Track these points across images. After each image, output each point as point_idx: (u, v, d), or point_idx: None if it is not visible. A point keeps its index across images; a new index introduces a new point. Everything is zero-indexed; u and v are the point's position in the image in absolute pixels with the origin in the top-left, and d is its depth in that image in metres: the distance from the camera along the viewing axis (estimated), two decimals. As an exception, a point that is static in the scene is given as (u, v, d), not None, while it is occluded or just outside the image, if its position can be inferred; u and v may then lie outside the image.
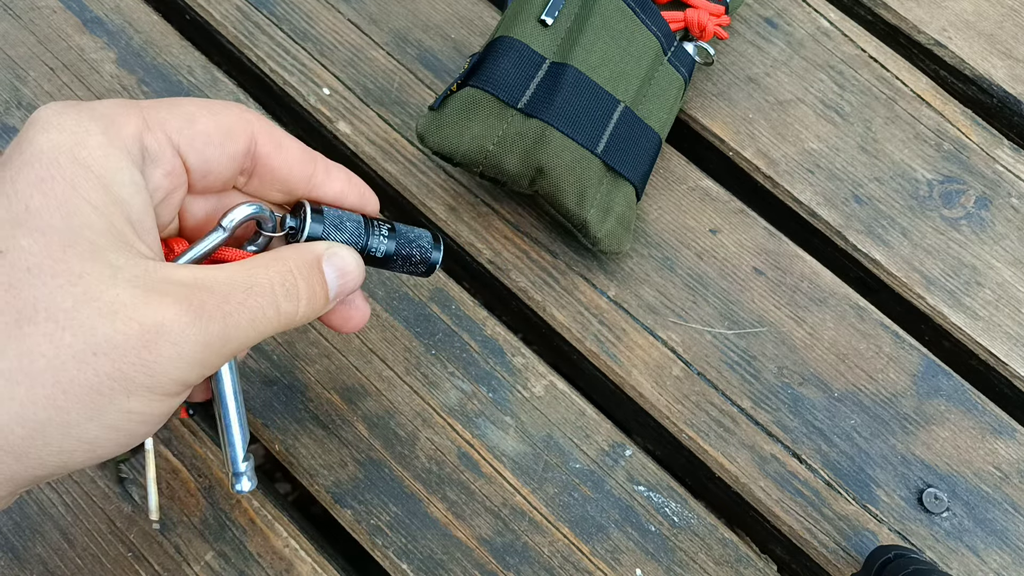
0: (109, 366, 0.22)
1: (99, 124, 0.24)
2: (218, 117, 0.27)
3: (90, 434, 0.23)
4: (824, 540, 0.41)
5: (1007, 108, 0.51)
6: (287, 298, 0.27)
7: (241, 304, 0.25)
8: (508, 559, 0.40)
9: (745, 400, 0.43)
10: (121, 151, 0.24)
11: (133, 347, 0.23)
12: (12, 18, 0.50)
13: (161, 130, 0.26)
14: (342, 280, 0.29)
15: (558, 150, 0.41)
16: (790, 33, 0.51)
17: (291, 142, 0.29)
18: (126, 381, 0.23)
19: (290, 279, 0.27)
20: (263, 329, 0.26)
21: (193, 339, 0.24)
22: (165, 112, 0.26)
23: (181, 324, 0.23)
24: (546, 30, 0.43)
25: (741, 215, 0.47)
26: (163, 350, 0.23)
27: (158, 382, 0.23)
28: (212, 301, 0.24)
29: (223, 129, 0.27)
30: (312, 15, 0.51)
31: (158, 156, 0.26)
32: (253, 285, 0.26)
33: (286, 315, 0.27)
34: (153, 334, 0.23)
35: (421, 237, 0.32)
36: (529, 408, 0.43)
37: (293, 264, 0.27)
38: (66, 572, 0.39)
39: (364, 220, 0.31)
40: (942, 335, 0.46)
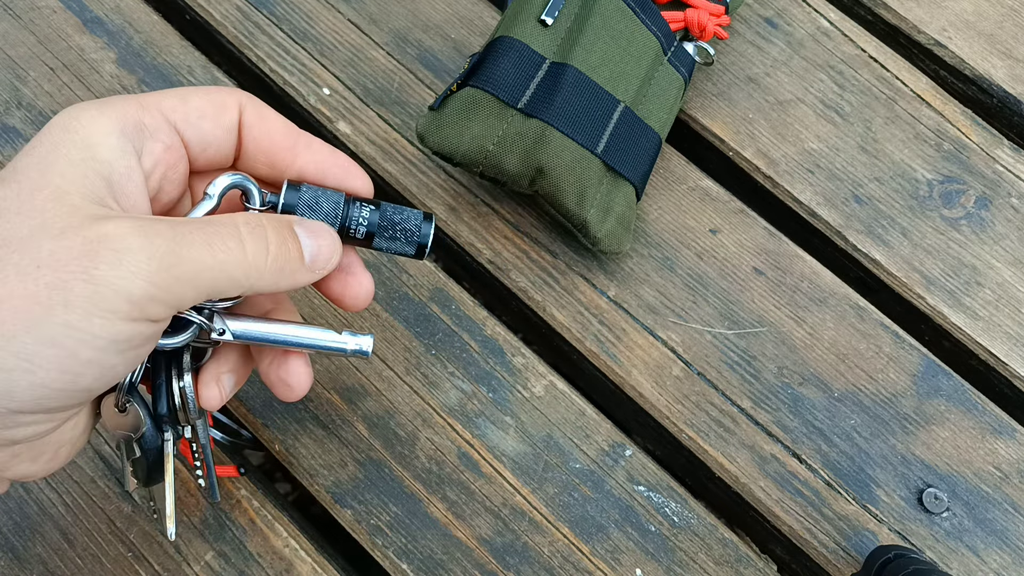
0: (50, 276, 0.23)
1: (95, 105, 0.27)
2: (209, 94, 0.29)
3: (27, 349, 0.23)
4: (824, 540, 0.41)
5: (1007, 108, 0.51)
6: (252, 236, 0.27)
7: (198, 229, 0.25)
8: (508, 559, 0.40)
9: (745, 400, 0.43)
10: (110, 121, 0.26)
11: (75, 256, 0.23)
12: (12, 18, 0.50)
13: (156, 108, 0.28)
14: (315, 242, 0.29)
15: (558, 150, 0.41)
16: (790, 33, 0.51)
17: (273, 115, 0.31)
18: (65, 290, 0.23)
19: (255, 221, 0.27)
20: (225, 260, 0.25)
21: (137, 247, 0.24)
22: (159, 95, 0.28)
23: (124, 232, 0.24)
24: (546, 30, 0.43)
25: (741, 215, 0.47)
26: (102, 256, 0.23)
27: (100, 293, 0.23)
28: (164, 223, 0.25)
29: (215, 103, 0.29)
30: (312, 15, 0.51)
31: (155, 130, 0.28)
32: (215, 221, 0.26)
33: (253, 255, 0.26)
34: (97, 243, 0.23)
35: (409, 216, 0.32)
36: (529, 408, 0.43)
37: (263, 217, 0.28)
38: (66, 572, 0.39)
39: (345, 197, 0.31)
40: (942, 335, 0.46)
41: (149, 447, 0.31)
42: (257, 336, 0.31)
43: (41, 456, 0.27)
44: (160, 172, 0.28)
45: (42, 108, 0.48)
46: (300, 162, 0.31)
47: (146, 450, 0.31)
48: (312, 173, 0.31)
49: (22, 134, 0.48)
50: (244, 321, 0.31)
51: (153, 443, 0.31)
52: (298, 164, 0.31)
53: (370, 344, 0.32)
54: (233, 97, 0.30)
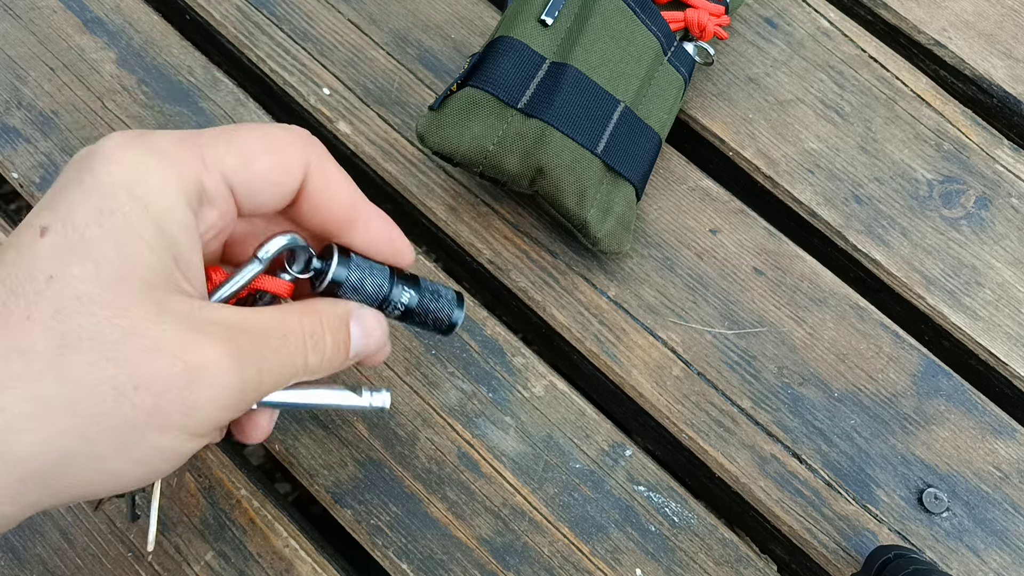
0: (149, 401, 0.22)
1: (158, 161, 0.24)
2: (277, 155, 0.27)
3: (116, 467, 0.23)
4: (824, 540, 0.41)
5: (1007, 108, 0.51)
6: (314, 350, 0.27)
7: (276, 351, 0.25)
8: (508, 559, 0.40)
9: (745, 400, 0.43)
10: (177, 191, 0.24)
11: (175, 385, 0.23)
12: (12, 18, 0.50)
13: (218, 170, 0.26)
14: (364, 341, 0.29)
15: (558, 150, 0.41)
16: (790, 33, 0.51)
17: (339, 179, 0.29)
18: (163, 418, 0.23)
19: (319, 332, 0.27)
20: (288, 377, 0.26)
21: (232, 382, 0.24)
22: (223, 149, 0.26)
23: (222, 366, 0.23)
24: (546, 30, 0.43)
25: (741, 215, 0.47)
26: (204, 391, 0.23)
27: (193, 421, 0.23)
28: (251, 346, 0.25)
29: (281, 167, 0.27)
30: (312, 15, 0.51)
31: (214, 197, 0.26)
32: (287, 334, 0.26)
33: (311, 367, 0.27)
34: (195, 374, 0.23)
35: (444, 297, 0.32)
36: (529, 408, 0.43)
37: (324, 317, 0.27)
38: (66, 572, 0.39)
39: (390, 276, 0.30)
40: (942, 335, 0.46)
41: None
42: (282, 402, 0.31)
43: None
44: (210, 236, 0.27)
45: (42, 108, 0.48)
46: (356, 238, 0.30)
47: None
48: (361, 245, 0.30)
49: (22, 134, 0.48)
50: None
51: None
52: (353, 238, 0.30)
53: (388, 401, 0.33)
54: (300, 157, 0.27)
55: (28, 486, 0.22)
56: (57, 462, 0.22)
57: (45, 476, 0.22)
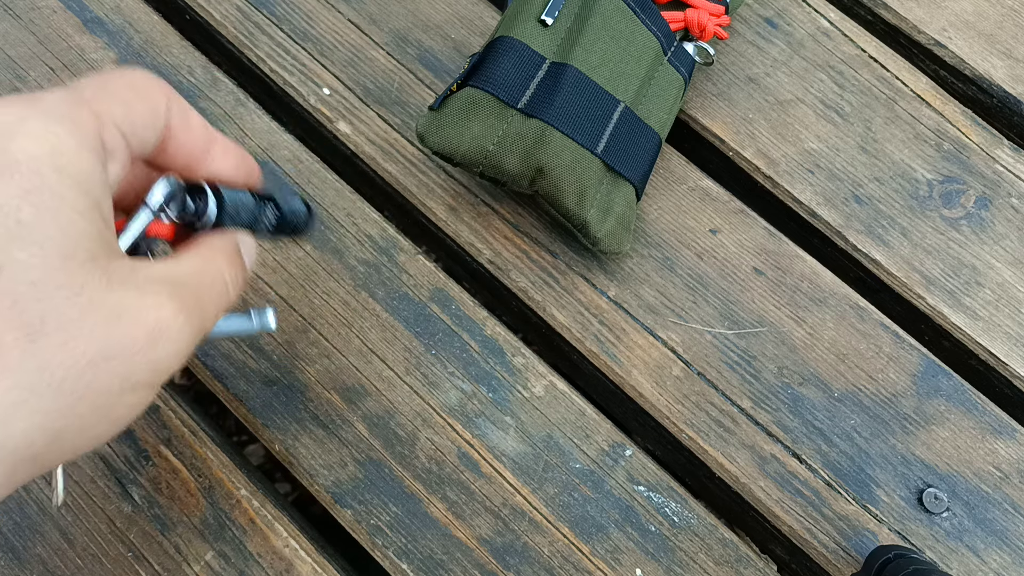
0: (121, 368, 0.24)
1: (66, 128, 0.24)
2: (148, 98, 0.28)
3: (99, 431, 0.24)
4: (824, 540, 0.41)
5: (1007, 108, 0.51)
6: (232, 284, 0.29)
7: (208, 295, 0.28)
8: (508, 559, 0.40)
9: (745, 400, 0.43)
10: (91, 153, 0.25)
11: (141, 348, 0.24)
12: (12, 18, 0.50)
13: (111, 123, 0.26)
14: (249, 261, 0.32)
15: (558, 150, 0.41)
16: (790, 33, 0.51)
17: (195, 117, 0.30)
18: (134, 379, 0.24)
19: (229, 268, 0.29)
20: (221, 310, 0.28)
21: (187, 334, 0.26)
22: (107, 101, 0.26)
23: (179, 323, 0.25)
24: (546, 30, 0.43)
25: (741, 215, 0.47)
26: (166, 348, 0.25)
27: (158, 377, 0.25)
28: (193, 297, 0.26)
29: (152, 108, 0.28)
30: (312, 15, 0.51)
31: (114, 150, 0.26)
32: (213, 278, 0.28)
33: (232, 297, 0.29)
34: (157, 334, 0.25)
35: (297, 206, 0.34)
36: (529, 408, 0.43)
37: (228, 253, 0.30)
38: (66, 572, 0.39)
39: (254, 198, 0.33)
40: (942, 335, 0.46)
41: None
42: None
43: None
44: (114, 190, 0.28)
45: (42, 108, 0.48)
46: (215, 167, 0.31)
47: None
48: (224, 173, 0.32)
49: (22, 134, 0.48)
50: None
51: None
52: (212, 168, 0.31)
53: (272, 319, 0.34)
54: (163, 97, 0.29)
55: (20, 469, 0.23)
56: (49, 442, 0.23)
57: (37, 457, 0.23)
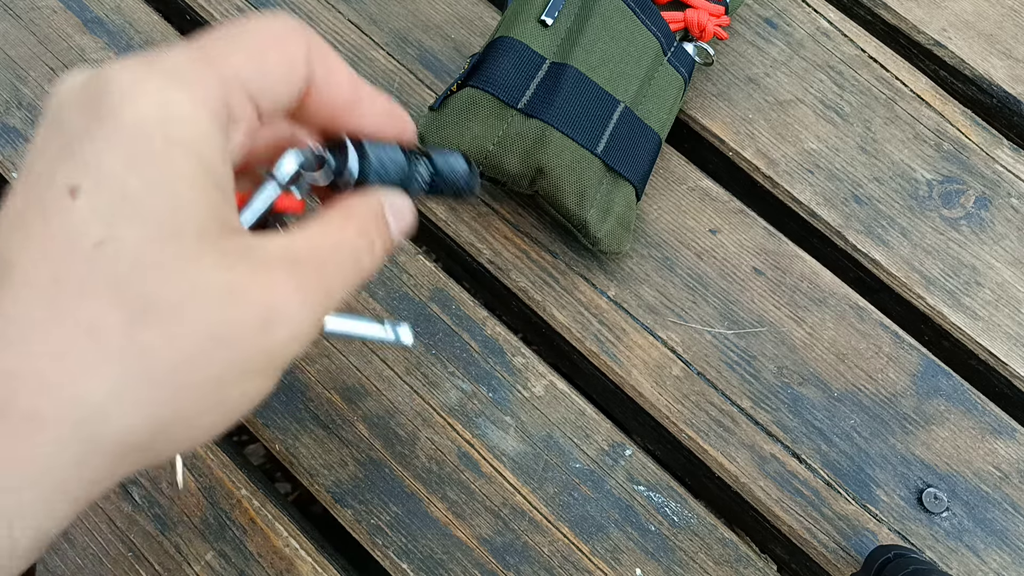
0: (230, 354, 0.22)
1: (184, 90, 0.22)
2: (285, 51, 0.25)
3: (209, 421, 0.23)
4: (824, 540, 0.41)
5: (1007, 108, 0.51)
6: (368, 253, 0.27)
7: (334, 270, 0.25)
8: (508, 559, 0.40)
9: (745, 400, 0.43)
10: (210, 118, 0.22)
11: (252, 332, 0.22)
12: (12, 18, 0.50)
13: (238, 84, 0.24)
14: (399, 224, 0.29)
15: (558, 150, 0.41)
16: (790, 33, 0.51)
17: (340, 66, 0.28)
18: (245, 366, 0.22)
19: (366, 234, 0.27)
20: (350, 287, 0.26)
21: (305, 317, 0.23)
22: (236, 58, 0.24)
23: (295, 304, 0.23)
24: (546, 30, 0.43)
25: (741, 215, 0.47)
26: (280, 332, 0.23)
27: (274, 364, 0.23)
28: (315, 274, 0.24)
29: (289, 62, 0.25)
30: (312, 15, 0.51)
31: (239, 116, 0.24)
32: (340, 249, 0.26)
33: (367, 270, 0.27)
34: (270, 317, 0.22)
35: (456, 166, 0.32)
36: (529, 408, 0.43)
37: (364, 219, 0.27)
38: (66, 572, 0.40)
39: (404, 154, 0.30)
40: (942, 335, 0.46)
41: None
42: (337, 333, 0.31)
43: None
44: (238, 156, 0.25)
45: (42, 108, 0.48)
46: (363, 121, 0.29)
47: None
48: (370, 128, 0.29)
49: (22, 134, 0.48)
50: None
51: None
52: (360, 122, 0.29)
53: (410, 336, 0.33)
54: (303, 48, 0.26)
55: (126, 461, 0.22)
56: (153, 434, 0.21)
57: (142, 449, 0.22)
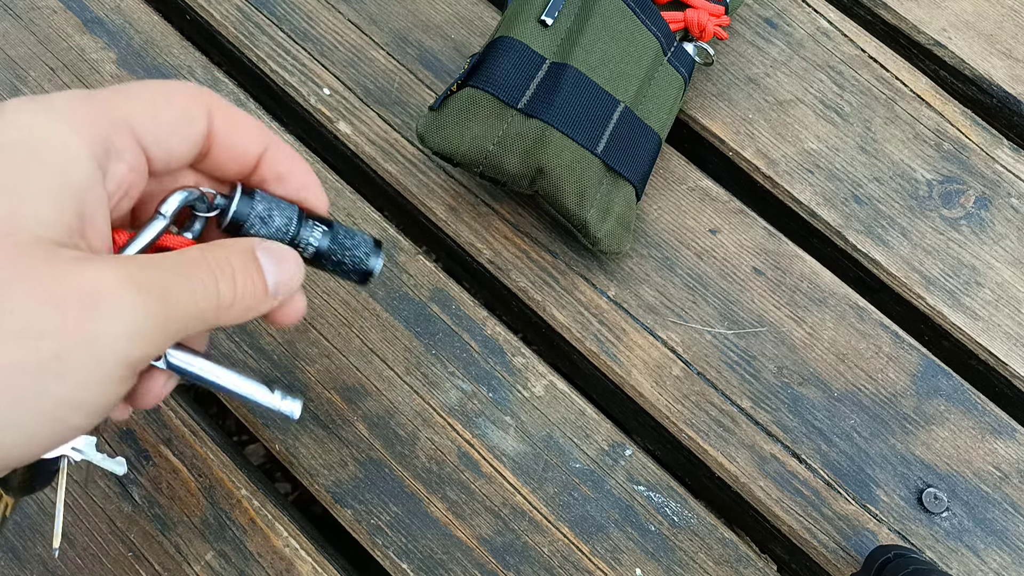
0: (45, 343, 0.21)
1: (60, 118, 0.24)
2: (178, 104, 0.27)
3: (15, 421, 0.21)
4: (824, 540, 0.41)
5: (1007, 108, 0.51)
6: (223, 278, 0.26)
7: (180, 276, 0.25)
8: (508, 559, 0.40)
9: (745, 400, 0.43)
10: (81, 145, 0.24)
11: (72, 318, 0.21)
12: (12, 18, 0.50)
13: (124, 124, 0.25)
14: (278, 268, 0.28)
15: (558, 150, 0.41)
16: (790, 33, 0.51)
17: (245, 119, 0.29)
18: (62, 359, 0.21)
19: (225, 260, 0.26)
20: (204, 307, 0.25)
21: (135, 306, 0.23)
22: (127, 103, 0.26)
23: (121, 292, 0.22)
24: (546, 30, 0.43)
25: (741, 215, 0.47)
26: (105, 319, 0.22)
27: (100, 360, 0.22)
28: (153, 273, 0.24)
29: (184, 116, 0.27)
30: (312, 15, 0.51)
31: (123, 151, 0.25)
32: (191, 262, 0.25)
33: (224, 297, 0.26)
34: (92, 301, 0.22)
35: (360, 243, 0.31)
36: (529, 408, 0.43)
37: (228, 248, 0.27)
38: (66, 572, 0.40)
39: (299, 213, 0.30)
40: (942, 335, 0.46)
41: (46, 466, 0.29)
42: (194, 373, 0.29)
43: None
44: (121, 193, 0.26)
45: None
46: (263, 170, 0.29)
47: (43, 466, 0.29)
48: (271, 180, 0.30)
49: (22, 134, 0.48)
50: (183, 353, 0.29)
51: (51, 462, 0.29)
52: (260, 171, 0.30)
53: (298, 410, 0.31)
54: (201, 107, 0.27)
55: None
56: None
57: None
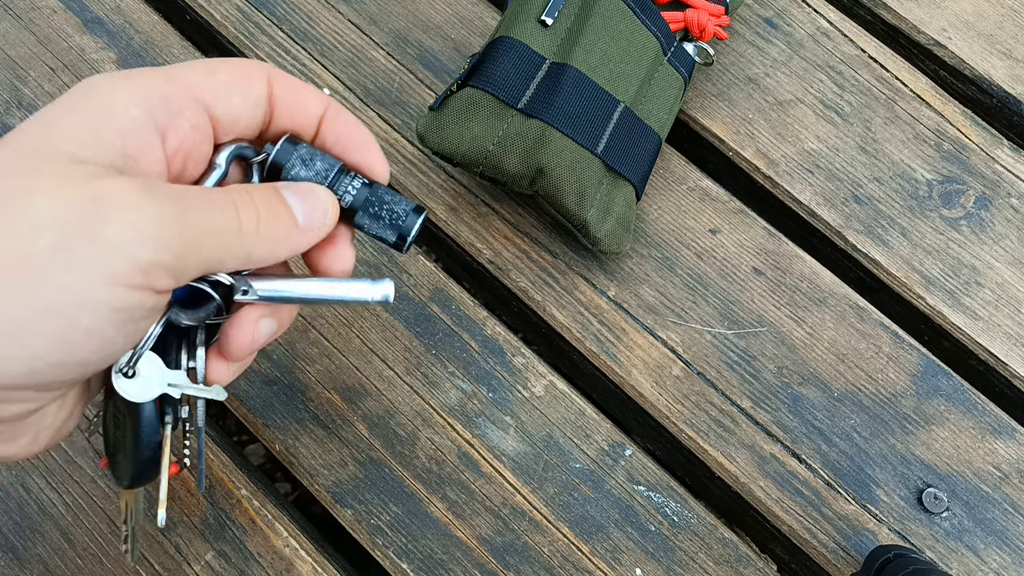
0: (50, 236, 0.21)
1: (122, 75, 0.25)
2: (236, 67, 0.28)
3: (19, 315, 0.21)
4: (824, 540, 0.41)
5: (1007, 108, 0.51)
6: (244, 207, 0.26)
7: (198, 196, 0.25)
8: (508, 559, 0.40)
9: (745, 400, 0.43)
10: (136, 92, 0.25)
11: (79, 215, 0.21)
12: (12, 18, 0.50)
13: (184, 83, 0.26)
14: (304, 200, 0.28)
15: (558, 150, 0.41)
16: (790, 33, 0.51)
17: (304, 86, 0.30)
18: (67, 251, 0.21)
19: (245, 193, 0.27)
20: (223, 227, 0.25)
21: (146, 207, 0.22)
22: (185, 68, 0.27)
23: (130, 191, 0.22)
24: (546, 30, 0.43)
25: (741, 215, 0.47)
26: (111, 215, 0.22)
27: (107, 256, 0.22)
28: (169, 188, 0.24)
29: (243, 76, 0.28)
30: (312, 15, 0.51)
31: (182, 108, 0.26)
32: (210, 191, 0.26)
33: (247, 223, 0.26)
34: (101, 200, 0.22)
35: (400, 202, 0.31)
36: (529, 408, 0.43)
37: (249, 187, 0.27)
38: (66, 572, 0.40)
39: (342, 166, 0.30)
40: (942, 335, 0.46)
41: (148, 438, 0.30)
42: (284, 294, 0.30)
43: (19, 438, 0.25)
44: (185, 151, 0.27)
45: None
46: (323, 131, 0.30)
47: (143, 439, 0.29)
48: (330, 144, 0.30)
49: (22, 134, 0.48)
50: (266, 280, 0.29)
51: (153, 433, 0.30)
52: (321, 133, 0.30)
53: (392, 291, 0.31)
54: (260, 69, 0.29)
55: None
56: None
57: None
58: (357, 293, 0.31)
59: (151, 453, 0.29)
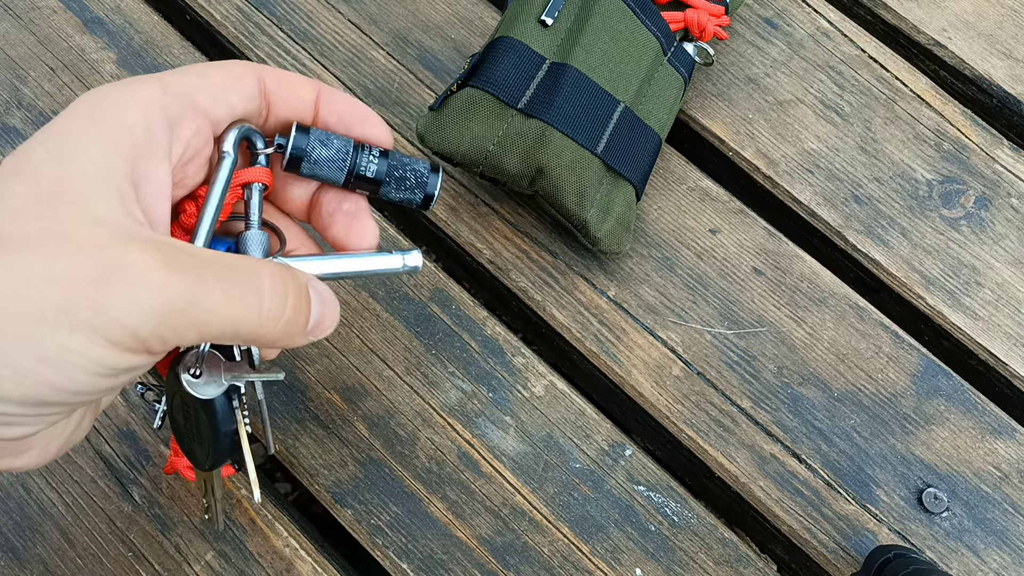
0: (58, 294, 0.22)
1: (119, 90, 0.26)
2: (226, 67, 0.29)
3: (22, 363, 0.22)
4: (824, 540, 0.41)
5: (1007, 108, 0.51)
6: (273, 296, 0.26)
7: (221, 275, 0.24)
8: (508, 559, 0.40)
9: (745, 400, 0.43)
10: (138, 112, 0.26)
11: (87, 280, 0.22)
12: (12, 18, 0.50)
13: (180, 92, 0.27)
14: (326, 309, 0.29)
15: (558, 150, 0.41)
16: (790, 33, 0.51)
17: (292, 75, 0.31)
18: (71, 314, 0.22)
19: (281, 278, 0.26)
20: (238, 313, 0.25)
21: (152, 285, 0.23)
22: (178, 75, 0.28)
23: (144, 267, 0.23)
24: (546, 30, 0.43)
25: (741, 215, 0.47)
26: (116, 288, 0.22)
27: (104, 323, 0.22)
28: (189, 262, 0.24)
29: (234, 75, 0.29)
30: (312, 15, 0.51)
31: (182, 116, 0.27)
32: (241, 264, 0.25)
33: (267, 315, 0.25)
34: (112, 270, 0.22)
35: (416, 163, 0.32)
36: (529, 408, 0.43)
37: (289, 272, 0.27)
38: (66, 572, 0.40)
39: (354, 143, 0.31)
40: (942, 335, 0.46)
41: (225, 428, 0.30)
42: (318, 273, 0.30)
43: (28, 451, 0.26)
44: (187, 159, 0.28)
45: (42, 108, 0.48)
46: (323, 113, 0.31)
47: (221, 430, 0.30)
48: (334, 124, 0.31)
49: (22, 134, 0.48)
50: (300, 260, 0.30)
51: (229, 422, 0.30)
52: (321, 116, 0.31)
53: (420, 260, 0.32)
54: (249, 67, 0.30)
55: None
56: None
57: None
58: (388, 265, 0.32)
59: (230, 440, 0.30)
